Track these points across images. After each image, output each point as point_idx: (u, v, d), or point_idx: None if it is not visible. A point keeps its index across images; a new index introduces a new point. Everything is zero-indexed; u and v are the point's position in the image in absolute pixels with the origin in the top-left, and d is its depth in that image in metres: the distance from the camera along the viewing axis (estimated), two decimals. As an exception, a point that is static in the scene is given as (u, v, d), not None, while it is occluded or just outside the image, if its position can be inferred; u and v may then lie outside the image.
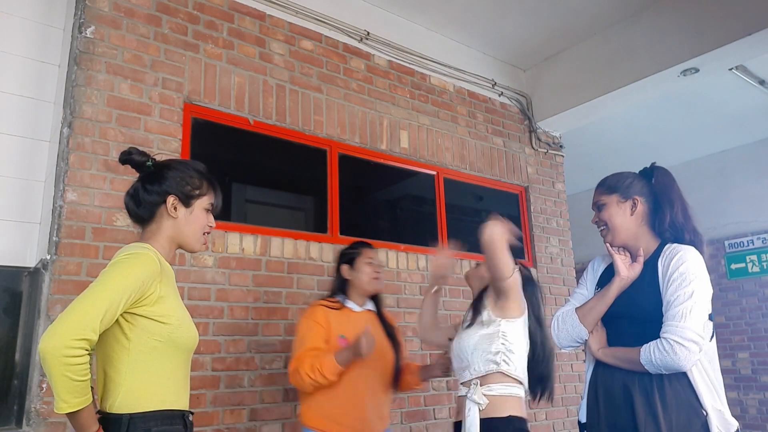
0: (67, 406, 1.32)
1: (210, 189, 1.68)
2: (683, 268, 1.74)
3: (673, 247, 1.83)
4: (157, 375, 1.51)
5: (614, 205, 1.94)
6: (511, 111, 4.91)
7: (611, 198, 1.96)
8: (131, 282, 1.44)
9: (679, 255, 1.78)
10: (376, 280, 2.55)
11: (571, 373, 4.67)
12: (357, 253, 2.58)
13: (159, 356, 1.51)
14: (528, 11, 4.26)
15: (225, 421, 2.86)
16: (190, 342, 1.59)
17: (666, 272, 1.77)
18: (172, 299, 1.56)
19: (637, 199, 1.92)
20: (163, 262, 1.58)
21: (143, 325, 1.49)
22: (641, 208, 1.92)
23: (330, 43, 3.81)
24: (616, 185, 1.96)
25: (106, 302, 1.38)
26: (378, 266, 2.58)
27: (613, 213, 1.94)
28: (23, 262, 2.74)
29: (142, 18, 3.03)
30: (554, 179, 5.09)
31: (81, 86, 2.76)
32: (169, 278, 1.59)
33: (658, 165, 2.01)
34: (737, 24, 3.74)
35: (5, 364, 2.58)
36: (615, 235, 1.94)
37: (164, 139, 2.96)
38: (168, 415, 1.51)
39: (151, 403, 1.48)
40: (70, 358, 1.30)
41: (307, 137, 3.56)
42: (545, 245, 4.80)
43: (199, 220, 1.65)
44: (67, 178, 2.65)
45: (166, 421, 1.50)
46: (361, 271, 2.54)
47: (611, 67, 4.46)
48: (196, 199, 1.65)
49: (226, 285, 3.02)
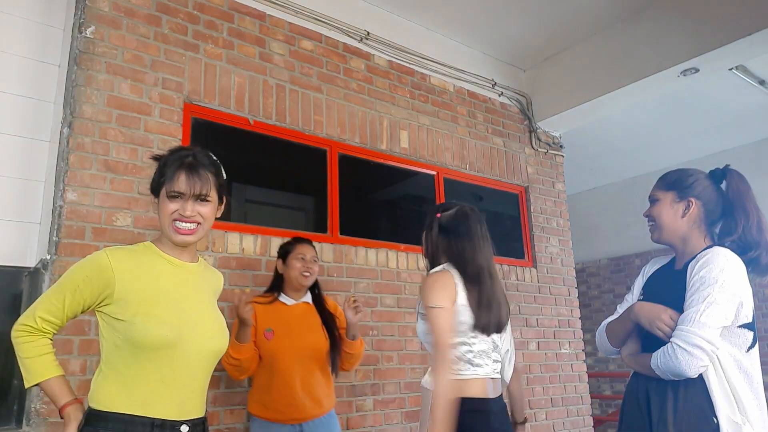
0: (26, 381, 1.52)
1: (170, 175, 1.56)
2: (704, 272, 1.69)
3: (708, 250, 1.76)
4: (122, 375, 1.48)
5: (667, 203, 1.87)
6: (511, 111, 4.91)
7: (666, 195, 1.88)
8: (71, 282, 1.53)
9: (706, 258, 1.72)
10: (304, 275, 2.64)
11: (571, 373, 4.67)
12: (289, 249, 2.70)
13: (121, 354, 1.49)
14: (528, 11, 4.26)
15: (225, 421, 2.86)
16: (152, 339, 1.46)
17: (690, 276, 1.73)
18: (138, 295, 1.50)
19: (693, 201, 1.84)
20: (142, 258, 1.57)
21: (110, 323, 1.52)
22: (696, 210, 1.84)
23: (330, 43, 3.81)
24: (676, 183, 1.88)
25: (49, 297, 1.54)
26: (310, 261, 2.67)
27: (664, 211, 1.87)
28: (23, 262, 2.74)
29: (142, 18, 3.03)
30: (554, 179, 5.09)
31: (81, 86, 2.76)
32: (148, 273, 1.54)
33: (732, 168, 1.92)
34: (737, 24, 3.74)
35: (5, 364, 2.58)
36: (661, 233, 1.88)
37: (164, 139, 2.96)
38: (125, 419, 1.44)
39: (111, 404, 1.46)
40: (15, 339, 1.53)
41: (307, 137, 3.56)
42: (545, 245, 4.80)
43: (163, 209, 1.57)
44: (67, 178, 2.65)
45: (122, 426, 1.43)
46: (291, 266, 2.66)
47: (611, 67, 4.46)
48: (160, 188, 1.59)
49: (226, 285, 3.01)
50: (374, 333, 3.53)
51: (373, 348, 3.51)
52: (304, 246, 2.71)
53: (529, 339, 4.44)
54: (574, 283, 4.96)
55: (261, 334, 2.54)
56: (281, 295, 2.69)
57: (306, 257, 2.67)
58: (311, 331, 2.62)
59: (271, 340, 2.54)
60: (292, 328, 2.59)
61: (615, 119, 5.61)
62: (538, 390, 4.39)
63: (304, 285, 2.68)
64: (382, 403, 3.47)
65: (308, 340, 2.59)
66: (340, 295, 3.44)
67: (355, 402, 3.35)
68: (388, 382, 3.52)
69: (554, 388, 4.51)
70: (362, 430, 3.34)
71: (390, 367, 3.54)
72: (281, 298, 2.68)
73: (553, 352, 4.58)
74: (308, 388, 2.54)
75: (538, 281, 4.64)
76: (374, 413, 3.42)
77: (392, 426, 3.48)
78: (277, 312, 2.63)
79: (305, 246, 2.72)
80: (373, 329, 3.53)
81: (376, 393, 3.46)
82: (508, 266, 4.45)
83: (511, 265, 4.49)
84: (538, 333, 4.52)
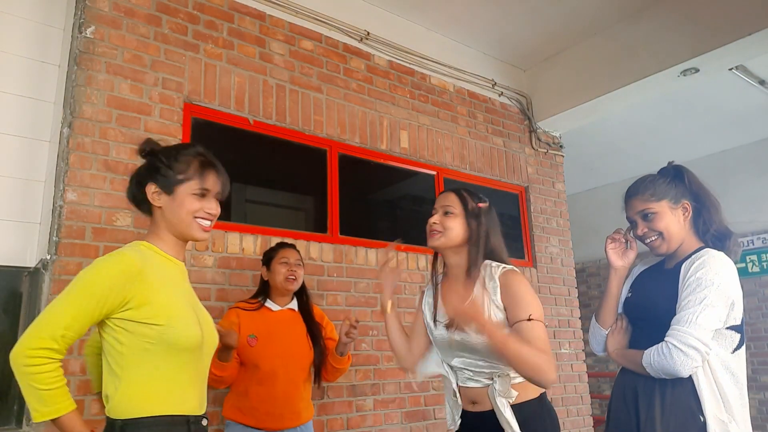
0: (39, 414, 1.32)
1: (197, 173, 1.54)
2: (701, 273, 1.69)
3: (703, 252, 1.77)
4: (156, 378, 1.43)
5: (668, 213, 1.83)
6: (511, 111, 4.91)
7: (662, 205, 1.83)
8: (98, 288, 1.39)
9: (702, 260, 1.72)
10: (288, 280, 2.60)
11: (571, 373, 4.67)
12: (272, 255, 2.66)
13: (153, 359, 1.43)
14: (528, 11, 4.26)
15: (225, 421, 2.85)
16: (187, 341, 1.46)
17: (685, 277, 1.73)
18: (164, 297, 1.47)
19: (686, 203, 1.84)
20: (151, 259, 1.50)
21: (133, 328, 1.42)
22: (690, 211, 1.83)
23: (330, 43, 3.81)
24: (663, 190, 1.84)
25: (71, 309, 1.36)
26: (294, 265, 2.63)
27: (670, 221, 1.82)
28: (23, 262, 2.74)
29: (142, 18, 3.03)
30: (554, 179, 5.09)
31: (81, 86, 2.76)
32: (163, 275, 1.51)
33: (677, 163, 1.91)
34: (737, 24, 3.74)
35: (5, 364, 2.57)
36: (670, 243, 1.83)
37: (164, 139, 2.95)
38: (167, 421, 1.43)
39: (147, 409, 1.41)
40: (30, 367, 1.30)
41: (307, 137, 3.56)
42: (545, 245, 4.81)
43: (184, 205, 1.52)
44: (67, 178, 2.65)
45: (163, 428, 1.42)
46: (275, 271, 2.61)
47: (611, 67, 4.46)
48: (179, 185, 1.53)
49: (226, 285, 3.02)
50: (374, 333, 3.53)
51: (373, 348, 3.51)
52: (287, 250, 2.67)
53: (529, 339, 4.43)
54: (574, 283, 4.96)
55: (244, 340, 2.47)
56: (267, 301, 2.64)
57: (290, 261, 2.62)
58: (295, 340, 2.57)
59: (254, 346, 2.48)
60: (275, 335, 2.53)
61: (615, 119, 5.60)
62: (538, 390, 4.39)
63: (290, 289, 2.63)
64: (382, 403, 3.47)
65: (292, 349, 2.54)
66: (340, 295, 3.45)
67: (355, 402, 3.35)
68: (388, 382, 3.52)
69: (554, 388, 4.51)
70: (362, 430, 3.34)
71: (390, 367, 3.54)
72: (267, 303, 2.64)
73: (553, 352, 4.57)
74: (288, 398, 2.49)
75: (538, 281, 4.64)
76: (374, 413, 3.42)
77: (392, 426, 3.48)
78: (262, 318, 2.58)
79: (288, 250, 2.67)
80: (373, 329, 3.53)
81: (376, 393, 3.46)
82: (508, 266, 4.45)
83: (511, 265, 4.49)
84: (538, 333, 4.51)
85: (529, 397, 1.77)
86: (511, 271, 1.78)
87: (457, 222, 1.87)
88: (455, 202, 1.89)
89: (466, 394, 1.84)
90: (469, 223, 1.86)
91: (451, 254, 1.90)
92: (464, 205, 1.88)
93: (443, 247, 1.89)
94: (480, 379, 1.80)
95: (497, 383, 1.73)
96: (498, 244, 1.89)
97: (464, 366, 1.83)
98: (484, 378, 1.79)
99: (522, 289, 1.73)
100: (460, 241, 1.86)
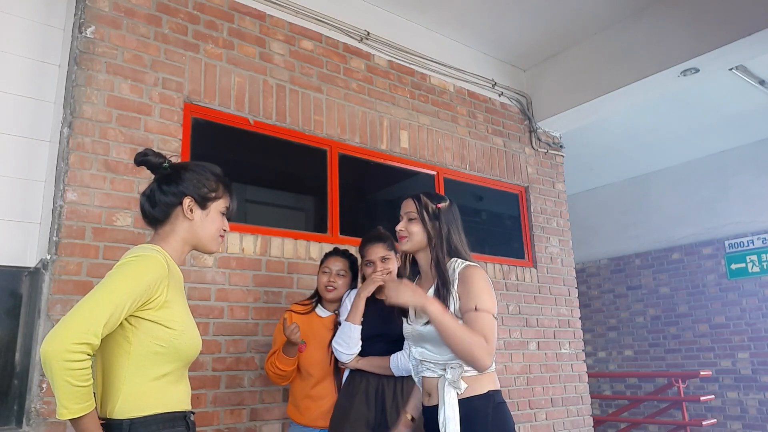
0: (68, 412, 1.31)
1: (226, 193, 1.69)
2: None
3: None
4: (158, 379, 1.49)
5: None
6: (511, 111, 4.91)
7: None
8: (137, 285, 1.42)
9: None
10: (327, 290, 2.65)
11: (571, 373, 4.67)
12: (322, 261, 2.75)
13: (159, 360, 1.48)
14: (528, 11, 4.26)
15: (225, 421, 2.86)
16: (192, 350, 1.56)
17: None
18: (178, 304, 1.54)
19: None
20: (171, 265, 1.56)
21: (147, 328, 1.46)
22: None
23: (330, 43, 3.81)
24: None
25: (110, 305, 1.36)
26: (335, 275, 2.65)
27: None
28: (23, 262, 2.74)
29: (142, 18, 3.03)
30: (554, 179, 5.09)
31: (81, 86, 2.76)
32: (177, 282, 1.58)
33: None
34: (737, 24, 3.75)
35: (5, 364, 2.58)
36: None
37: (164, 139, 2.96)
38: (169, 417, 1.49)
39: (153, 407, 1.46)
40: (71, 363, 1.29)
41: (307, 137, 3.56)
42: (545, 245, 4.81)
43: (215, 222, 1.66)
44: (67, 178, 2.65)
45: (168, 424, 1.48)
46: (318, 279, 2.72)
47: (611, 67, 4.46)
48: (212, 201, 1.65)
49: (226, 285, 3.02)
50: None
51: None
52: (331, 259, 2.71)
53: (529, 339, 4.44)
54: (574, 283, 4.96)
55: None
56: (318, 306, 2.71)
57: (332, 271, 2.66)
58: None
59: (303, 352, 2.57)
60: (322, 342, 2.59)
61: (615, 119, 5.61)
62: (538, 390, 4.39)
63: (328, 299, 2.66)
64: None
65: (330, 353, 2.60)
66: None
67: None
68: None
69: (554, 388, 4.51)
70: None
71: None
72: (317, 309, 2.70)
73: (553, 352, 4.58)
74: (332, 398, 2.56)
75: (538, 281, 4.64)
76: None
77: (392, 426, 3.48)
78: (311, 323, 2.64)
79: (333, 259, 2.71)
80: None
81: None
82: (508, 266, 4.45)
83: (511, 265, 4.49)
84: (538, 333, 4.52)
85: (476, 392, 1.82)
86: (471, 266, 1.90)
87: (419, 226, 2.00)
88: (414, 208, 2.02)
89: (425, 386, 1.94)
90: (429, 226, 1.99)
91: (420, 255, 2.04)
92: (423, 209, 2.01)
93: (411, 251, 2.04)
94: (435, 369, 1.88)
95: (448, 372, 1.81)
96: (459, 241, 2.00)
97: (423, 358, 1.93)
98: (439, 369, 1.86)
99: (475, 282, 1.84)
100: (425, 243, 2.00)
